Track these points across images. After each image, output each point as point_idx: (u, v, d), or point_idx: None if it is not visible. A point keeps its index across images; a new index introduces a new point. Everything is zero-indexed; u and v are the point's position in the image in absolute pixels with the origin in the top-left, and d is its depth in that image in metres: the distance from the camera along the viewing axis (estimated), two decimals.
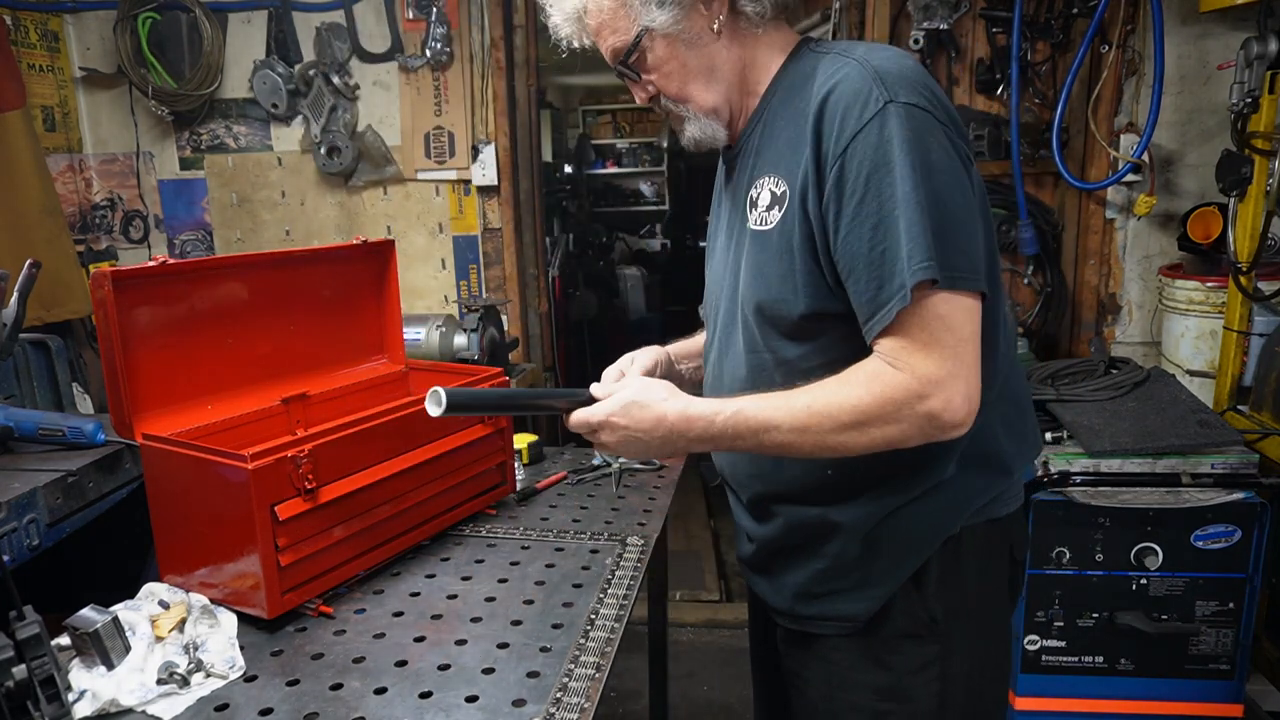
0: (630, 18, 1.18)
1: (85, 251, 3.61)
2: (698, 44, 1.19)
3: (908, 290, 1.02)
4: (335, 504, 1.39)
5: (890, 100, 1.05)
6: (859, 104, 1.06)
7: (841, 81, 1.09)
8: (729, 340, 1.30)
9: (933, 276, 1.02)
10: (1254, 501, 2.15)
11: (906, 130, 1.04)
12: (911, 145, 1.04)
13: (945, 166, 1.06)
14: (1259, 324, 2.55)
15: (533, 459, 2.04)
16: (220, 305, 1.60)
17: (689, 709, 2.94)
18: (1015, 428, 1.27)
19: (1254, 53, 2.42)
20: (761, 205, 1.20)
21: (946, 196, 1.05)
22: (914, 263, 1.02)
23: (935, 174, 1.04)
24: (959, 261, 1.04)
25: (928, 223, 1.02)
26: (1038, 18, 3.00)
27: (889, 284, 1.04)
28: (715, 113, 1.23)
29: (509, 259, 3.57)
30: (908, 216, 1.03)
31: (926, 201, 1.03)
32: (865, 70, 1.09)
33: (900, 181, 1.03)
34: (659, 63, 1.20)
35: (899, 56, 1.13)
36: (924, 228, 1.02)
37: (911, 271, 1.02)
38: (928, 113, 1.06)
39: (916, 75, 1.10)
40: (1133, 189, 3.01)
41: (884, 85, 1.06)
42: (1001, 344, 1.20)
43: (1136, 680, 2.29)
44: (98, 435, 1.64)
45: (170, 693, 1.15)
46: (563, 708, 1.12)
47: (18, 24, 3.29)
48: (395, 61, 3.42)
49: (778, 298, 1.17)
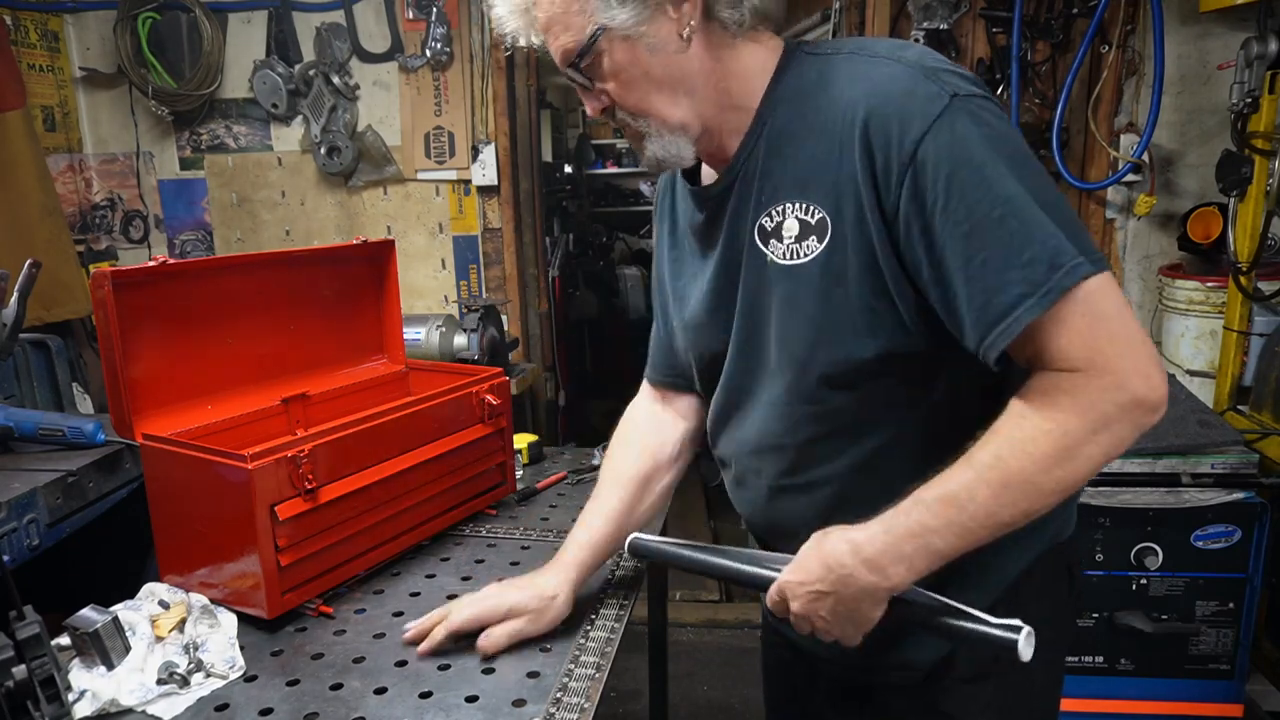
0: (585, 14, 1.01)
1: (85, 251, 3.61)
2: (663, 50, 1.03)
3: (1058, 289, 0.89)
4: (335, 504, 1.39)
5: (955, 94, 0.94)
6: (918, 104, 0.94)
7: (883, 83, 0.97)
8: (751, 394, 1.15)
9: (1089, 271, 0.90)
10: (1254, 501, 2.15)
11: (983, 125, 0.93)
12: (995, 140, 0.93)
13: (1028, 153, 0.96)
14: (1259, 324, 2.55)
15: (533, 459, 2.04)
16: (220, 305, 1.60)
17: (689, 709, 2.94)
18: None
19: (1254, 53, 2.43)
20: (788, 236, 1.04)
21: (1046, 181, 0.95)
22: (1065, 258, 0.89)
23: (1029, 162, 0.94)
24: (1088, 241, 0.92)
25: (1049, 215, 0.91)
26: (1038, 18, 3.00)
27: (1002, 295, 0.91)
28: (683, 129, 1.07)
29: (509, 259, 3.57)
30: (1023, 215, 0.91)
31: (1036, 191, 0.92)
32: (908, 68, 0.97)
33: (997, 181, 0.91)
34: (617, 69, 1.04)
35: (925, 50, 1.02)
36: (1046, 219, 0.91)
37: (1065, 271, 0.89)
38: (991, 101, 0.97)
39: (957, 67, 1.00)
40: (1133, 189, 3.01)
41: (938, 80, 0.95)
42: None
43: (1136, 680, 2.29)
44: (98, 435, 1.64)
45: (170, 693, 1.15)
46: (563, 708, 1.12)
47: (18, 24, 3.29)
48: (395, 61, 3.42)
49: (828, 340, 1.03)
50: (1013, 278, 0.90)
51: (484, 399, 1.66)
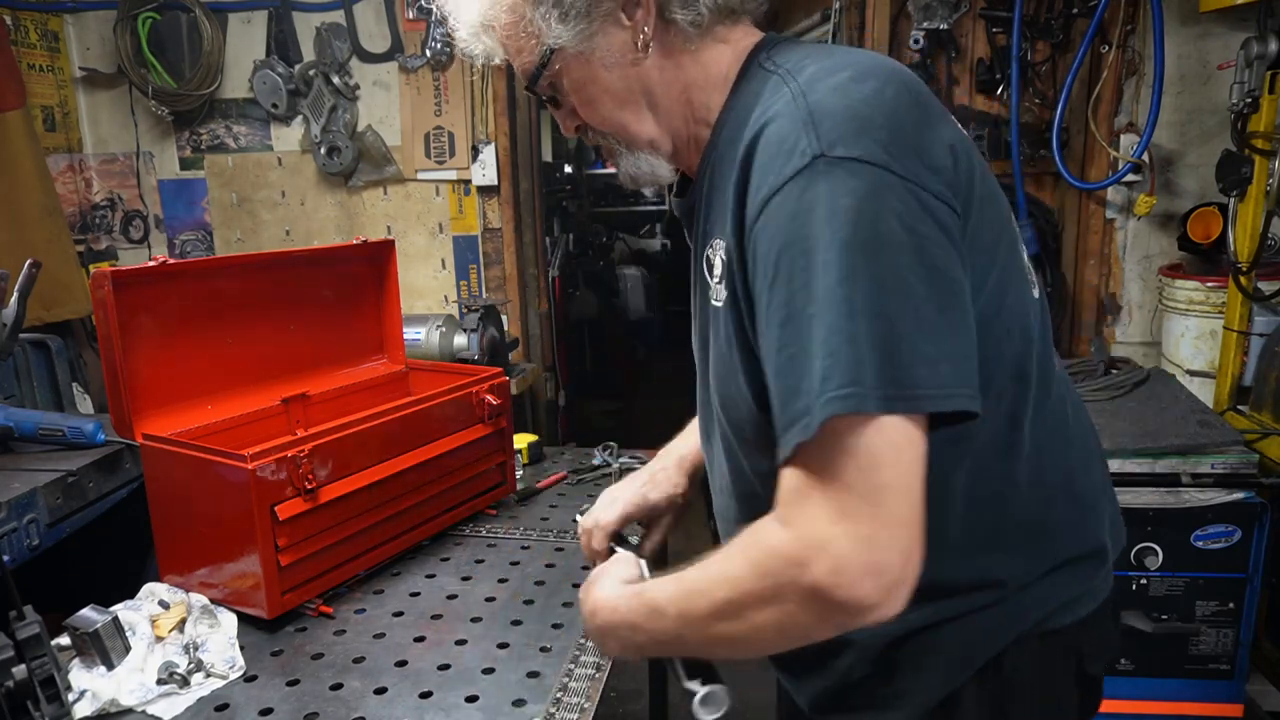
0: (532, 35, 0.94)
1: (85, 251, 3.60)
2: (620, 64, 0.95)
3: (814, 422, 0.74)
4: (335, 504, 1.39)
5: (820, 154, 0.78)
6: (782, 155, 0.81)
7: (772, 120, 0.84)
8: (711, 441, 1.09)
9: (852, 409, 0.74)
10: (1254, 501, 2.15)
11: (841, 197, 0.76)
12: (844, 218, 0.76)
13: (901, 243, 0.76)
14: (1259, 324, 2.55)
15: (533, 459, 2.04)
16: (220, 305, 1.60)
17: (689, 709, 2.94)
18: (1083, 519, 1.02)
19: (1254, 53, 2.42)
20: (715, 274, 0.93)
21: (898, 285, 0.76)
22: (829, 386, 0.74)
23: (880, 253, 0.76)
24: (913, 375, 0.75)
25: (860, 327, 0.74)
26: (1038, 18, 3.00)
27: (791, 404, 0.78)
28: (653, 145, 1.00)
29: (509, 259, 3.57)
30: (827, 320, 0.75)
31: (863, 297, 0.75)
32: (798, 106, 0.82)
33: (822, 270, 0.76)
34: (576, 86, 0.97)
35: (856, 80, 0.83)
36: (849, 335, 0.74)
37: (823, 399, 0.74)
38: (881, 169, 0.77)
39: (876, 111, 0.80)
40: (1133, 189, 3.01)
41: (816, 130, 0.79)
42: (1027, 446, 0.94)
43: (1136, 680, 2.29)
44: (98, 435, 1.64)
45: (170, 693, 1.15)
46: (563, 708, 1.12)
47: (18, 24, 3.29)
48: (395, 61, 3.42)
49: (730, 394, 0.94)
50: (806, 387, 0.76)
51: (484, 399, 1.66)
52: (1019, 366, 0.92)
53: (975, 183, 0.87)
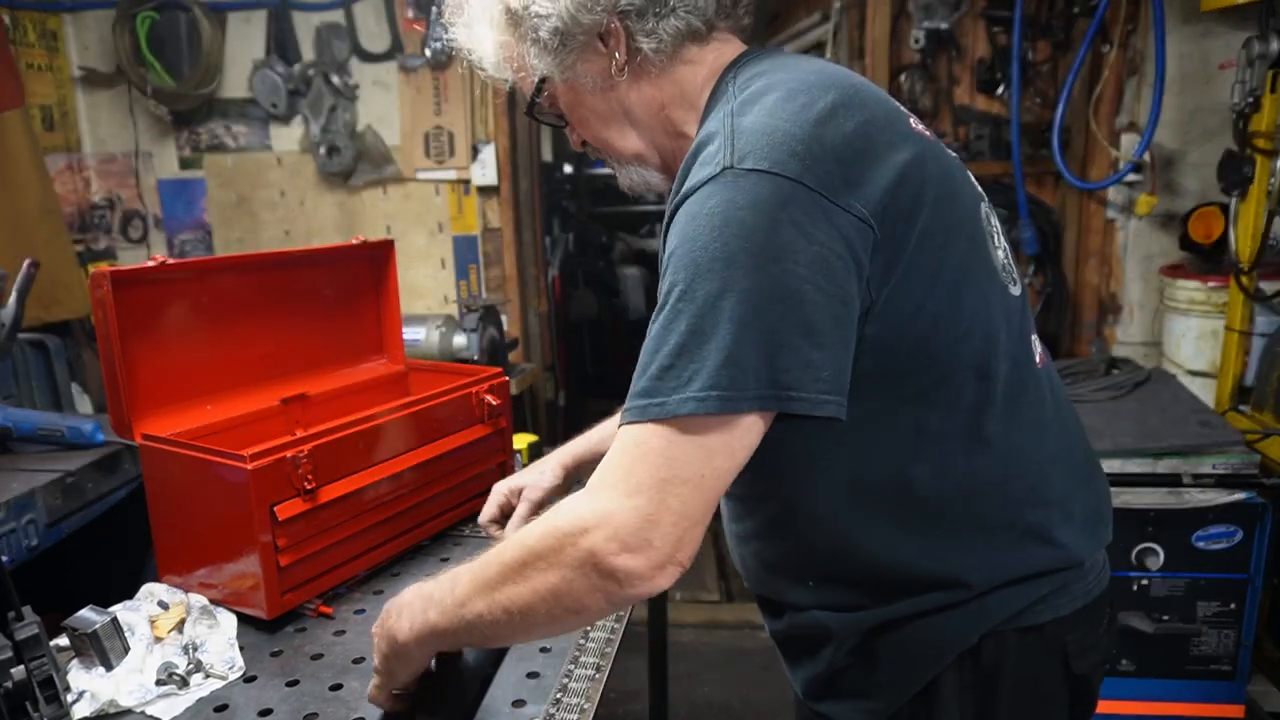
0: (525, 67, 1.06)
1: (84, 251, 3.60)
2: (603, 87, 1.04)
3: (644, 411, 0.83)
4: (335, 504, 1.38)
5: (729, 166, 0.84)
6: (698, 165, 0.89)
7: (707, 139, 0.90)
8: None
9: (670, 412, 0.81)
10: (1255, 502, 2.14)
11: (735, 207, 0.82)
12: (734, 227, 0.81)
13: (797, 252, 0.80)
14: (1260, 324, 2.55)
15: (533, 459, 2.03)
16: (220, 305, 1.60)
17: (689, 710, 2.94)
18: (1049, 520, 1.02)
19: (1255, 52, 2.42)
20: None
21: (766, 295, 0.80)
22: (667, 382, 0.82)
23: (765, 266, 0.80)
24: (745, 377, 0.80)
25: (724, 333, 0.80)
26: (1038, 17, 3.00)
27: (637, 381, 0.85)
28: (640, 159, 1.09)
29: (509, 259, 3.57)
30: (689, 317, 0.82)
31: (737, 302, 0.80)
32: (725, 125, 0.88)
33: (702, 272, 0.81)
34: (568, 109, 1.09)
35: (786, 98, 0.88)
36: (714, 335, 0.80)
37: (662, 396, 0.82)
38: (791, 181, 0.82)
39: (796, 126, 0.85)
40: (1134, 189, 3.01)
41: (732, 147, 0.85)
42: (995, 443, 0.97)
43: (1137, 681, 2.29)
44: (97, 435, 1.64)
45: (169, 693, 1.15)
46: (563, 708, 1.12)
47: (16, 23, 3.29)
48: (395, 61, 3.41)
49: None
50: (652, 374, 0.83)
51: (484, 399, 1.66)
52: (980, 364, 0.94)
53: (926, 189, 0.90)
